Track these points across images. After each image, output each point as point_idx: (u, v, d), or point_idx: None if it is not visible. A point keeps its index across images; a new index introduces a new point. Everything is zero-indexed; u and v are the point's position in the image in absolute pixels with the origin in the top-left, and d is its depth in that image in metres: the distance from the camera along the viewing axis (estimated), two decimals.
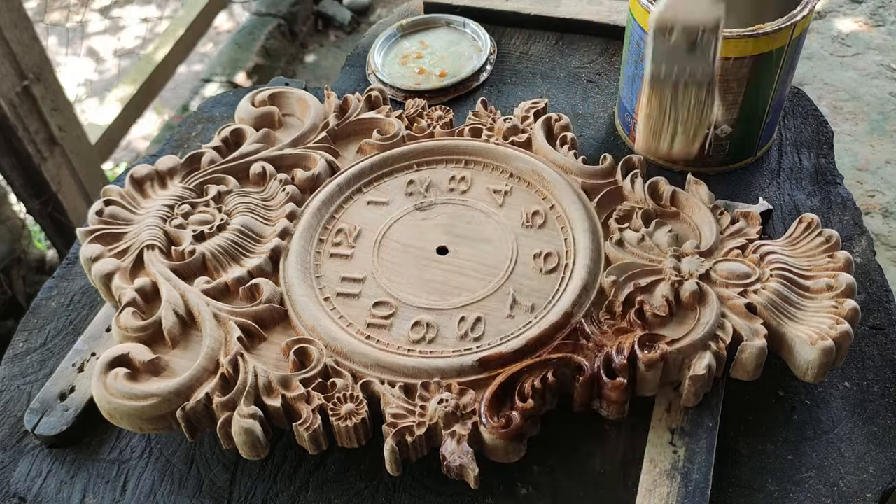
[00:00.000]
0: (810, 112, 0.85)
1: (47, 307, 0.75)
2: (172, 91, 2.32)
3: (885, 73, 2.10)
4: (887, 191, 1.83)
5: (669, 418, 0.60)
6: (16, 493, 0.62)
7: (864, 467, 0.59)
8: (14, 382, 0.69)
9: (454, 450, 0.55)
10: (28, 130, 1.47)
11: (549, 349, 0.59)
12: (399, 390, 0.58)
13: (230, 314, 0.62)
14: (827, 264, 0.62)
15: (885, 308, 0.68)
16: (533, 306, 0.63)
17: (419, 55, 0.95)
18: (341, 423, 0.56)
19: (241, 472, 0.62)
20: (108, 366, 0.59)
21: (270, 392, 0.58)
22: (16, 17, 1.41)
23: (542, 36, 0.98)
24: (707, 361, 0.57)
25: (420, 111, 0.79)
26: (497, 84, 0.92)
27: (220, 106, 0.94)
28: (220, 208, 0.70)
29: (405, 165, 0.75)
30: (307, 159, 0.74)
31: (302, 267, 0.66)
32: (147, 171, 0.73)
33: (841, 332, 0.57)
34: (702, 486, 0.56)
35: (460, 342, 0.61)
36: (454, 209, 0.71)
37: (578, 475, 0.60)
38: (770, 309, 0.60)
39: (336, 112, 0.78)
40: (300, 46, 2.46)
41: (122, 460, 0.63)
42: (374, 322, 0.63)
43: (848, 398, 0.63)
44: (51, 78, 1.52)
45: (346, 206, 0.72)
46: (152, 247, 0.66)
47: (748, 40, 0.68)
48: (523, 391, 0.57)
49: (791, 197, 0.77)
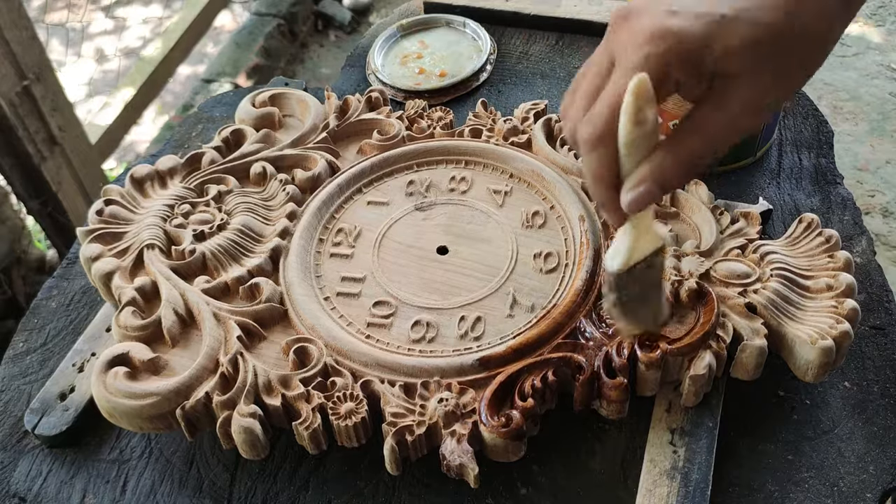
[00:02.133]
0: (810, 112, 0.85)
1: (47, 307, 0.75)
2: (172, 91, 2.32)
3: (885, 73, 2.10)
4: (887, 191, 1.83)
5: (669, 418, 0.60)
6: (16, 493, 0.62)
7: (864, 467, 0.59)
8: (14, 382, 0.69)
9: (454, 449, 0.55)
10: (28, 130, 1.47)
11: (549, 348, 0.59)
12: (399, 389, 0.58)
13: (230, 313, 0.62)
14: (827, 264, 0.62)
15: (885, 308, 0.68)
16: (533, 306, 0.63)
17: (419, 55, 0.95)
18: (341, 423, 0.56)
19: (241, 471, 0.62)
20: (107, 365, 0.59)
21: (270, 391, 0.58)
22: (16, 17, 1.41)
23: (542, 36, 0.98)
24: (707, 361, 0.57)
25: (420, 112, 0.79)
26: (497, 84, 0.92)
27: (220, 106, 0.94)
28: (220, 208, 0.70)
29: (405, 166, 0.75)
30: (307, 160, 0.74)
31: (302, 266, 0.66)
32: (147, 171, 0.73)
33: (841, 332, 0.57)
34: (702, 486, 0.56)
35: (460, 341, 0.61)
36: (454, 209, 0.71)
37: (578, 475, 0.60)
38: (770, 309, 0.60)
39: (336, 113, 0.78)
40: (300, 46, 2.46)
41: (122, 460, 0.63)
42: (374, 321, 0.63)
43: (848, 398, 0.63)
44: (51, 78, 1.52)
45: (347, 206, 0.72)
46: (152, 246, 0.67)
47: None
48: (523, 390, 0.57)
49: (791, 197, 0.77)
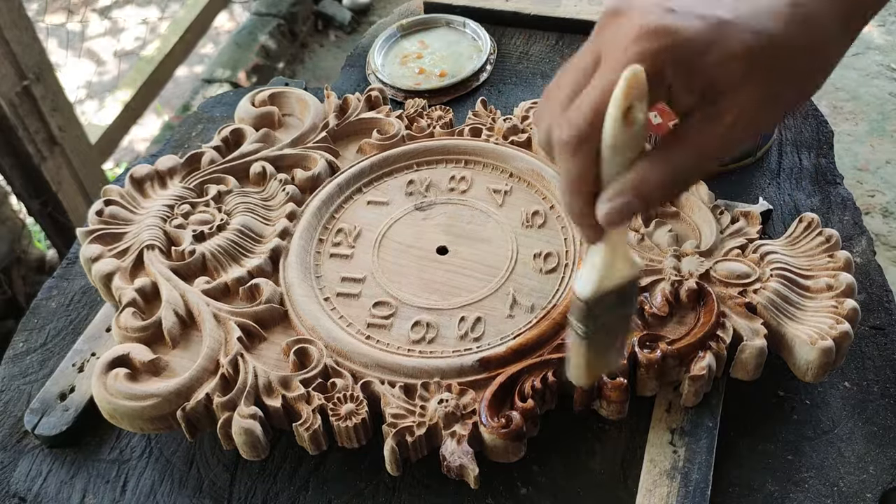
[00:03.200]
0: (810, 112, 0.85)
1: (47, 307, 0.75)
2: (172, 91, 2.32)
3: (885, 73, 2.10)
4: (887, 191, 1.83)
5: (669, 418, 0.60)
6: (16, 493, 0.62)
7: (864, 467, 0.59)
8: (14, 382, 0.69)
9: (454, 450, 0.55)
10: (28, 130, 1.47)
11: (549, 349, 0.59)
12: (399, 390, 0.58)
13: (230, 314, 0.62)
14: (827, 264, 0.62)
15: (885, 308, 0.68)
16: (533, 306, 0.63)
17: (419, 55, 0.95)
18: (341, 424, 0.56)
19: (241, 472, 0.62)
20: (108, 366, 0.59)
21: (270, 392, 0.58)
22: (16, 17, 1.41)
23: (542, 36, 0.98)
24: (707, 361, 0.57)
25: (420, 111, 0.79)
26: (497, 84, 0.92)
27: (220, 106, 0.94)
28: (219, 208, 0.70)
29: (405, 165, 0.75)
30: (307, 159, 0.74)
31: (302, 267, 0.66)
32: (147, 171, 0.73)
33: (841, 332, 0.57)
34: (702, 486, 0.56)
35: (460, 342, 0.61)
36: (454, 209, 0.71)
37: (578, 475, 0.60)
38: (770, 309, 0.60)
39: (336, 112, 0.78)
40: (300, 46, 2.46)
41: (122, 460, 0.63)
42: (374, 322, 0.63)
43: (848, 398, 0.63)
44: (51, 78, 1.52)
45: (346, 206, 0.72)
46: (152, 247, 0.66)
47: None
48: (523, 391, 0.57)
49: (791, 197, 0.77)
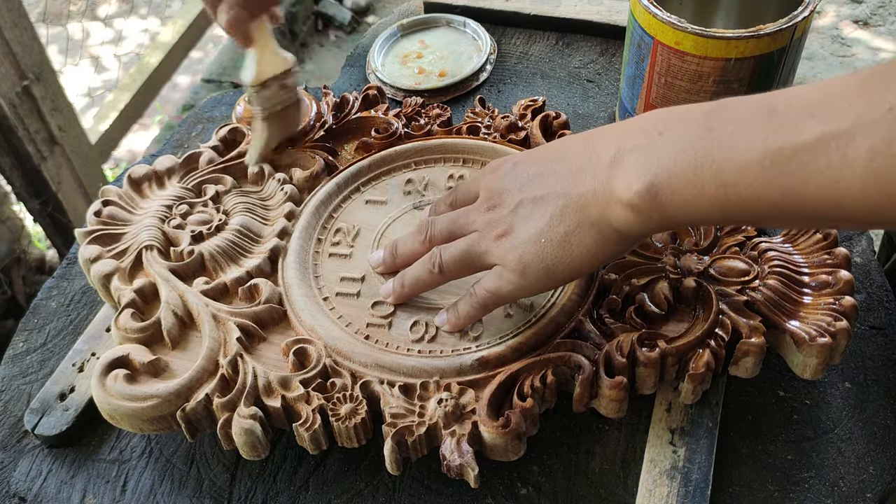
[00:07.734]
0: None
1: (47, 307, 0.75)
2: (172, 91, 2.32)
3: None
4: None
5: (669, 418, 0.60)
6: (16, 493, 0.62)
7: (864, 467, 0.59)
8: (14, 382, 0.69)
9: (454, 449, 0.55)
10: (28, 130, 1.47)
11: (548, 348, 0.59)
12: (398, 390, 0.58)
13: (229, 315, 0.62)
14: (825, 261, 0.62)
15: (885, 308, 0.68)
16: (532, 305, 0.63)
17: (419, 55, 0.95)
18: (341, 423, 0.56)
19: (241, 472, 0.62)
20: (107, 367, 0.59)
21: (270, 392, 0.58)
22: (16, 17, 1.41)
23: (542, 36, 0.98)
24: (706, 359, 0.57)
25: (418, 109, 0.79)
26: (497, 84, 0.92)
27: (220, 106, 0.94)
28: (218, 208, 0.70)
29: (403, 164, 0.75)
30: (305, 159, 0.74)
31: (301, 267, 0.66)
32: (145, 172, 0.73)
33: (839, 329, 0.57)
34: (702, 486, 0.56)
35: (459, 342, 0.61)
36: None
37: (578, 475, 0.60)
38: (769, 306, 0.60)
39: (333, 111, 0.78)
40: (300, 46, 2.46)
41: (122, 460, 0.63)
42: (373, 322, 0.63)
43: (848, 398, 0.63)
44: (51, 78, 1.52)
45: (345, 205, 0.72)
46: (151, 247, 0.66)
47: (749, 41, 0.67)
48: (523, 390, 0.57)
49: None
